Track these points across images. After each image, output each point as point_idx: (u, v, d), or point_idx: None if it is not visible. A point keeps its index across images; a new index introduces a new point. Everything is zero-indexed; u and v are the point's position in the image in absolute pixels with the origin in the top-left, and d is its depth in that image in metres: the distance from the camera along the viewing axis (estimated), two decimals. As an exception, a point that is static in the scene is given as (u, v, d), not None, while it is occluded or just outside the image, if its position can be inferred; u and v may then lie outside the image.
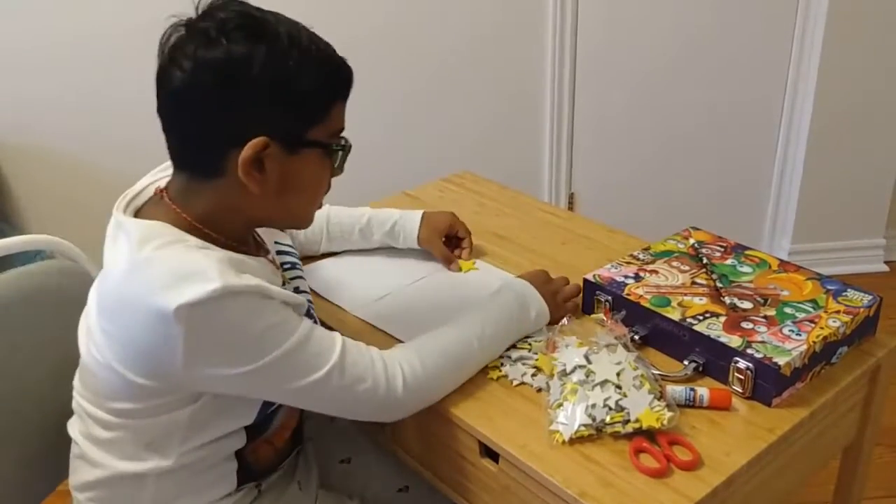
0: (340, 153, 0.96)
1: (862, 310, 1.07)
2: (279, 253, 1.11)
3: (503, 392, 1.04)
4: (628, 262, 1.21)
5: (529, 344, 1.11)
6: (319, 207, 1.01)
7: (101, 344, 0.93)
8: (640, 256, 1.22)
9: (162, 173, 1.02)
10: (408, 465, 1.15)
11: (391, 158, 2.44)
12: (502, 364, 1.07)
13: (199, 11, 0.91)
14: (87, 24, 2.21)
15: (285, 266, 1.10)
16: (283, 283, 1.06)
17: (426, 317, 1.16)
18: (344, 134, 0.97)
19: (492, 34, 2.40)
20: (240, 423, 0.98)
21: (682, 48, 2.45)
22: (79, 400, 1.03)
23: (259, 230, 1.06)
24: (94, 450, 1.00)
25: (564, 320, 1.10)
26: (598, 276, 1.17)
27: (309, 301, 1.06)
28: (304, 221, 1.02)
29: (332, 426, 1.23)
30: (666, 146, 2.58)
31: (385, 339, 1.14)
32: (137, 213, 0.96)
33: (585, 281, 1.18)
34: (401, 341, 1.09)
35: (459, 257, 1.35)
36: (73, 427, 1.05)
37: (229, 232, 0.95)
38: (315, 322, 1.02)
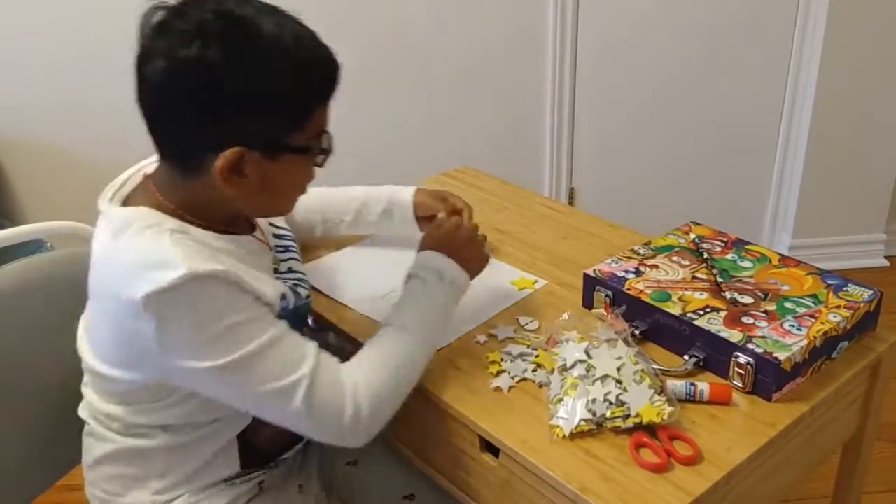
0: (322, 156, 0.94)
1: (862, 305, 1.07)
2: (274, 236, 1.10)
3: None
4: (629, 257, 1.20)
5: (529, 340, 1.11)
6: (303, 192, 1.00)
7: (89, 336, 0.95)
8: (641, 251, 1.22)
9: (148, 161, 1.02)
10: (408, 460, 1.16)
11: (392, 154, 2.44)
12: (503, 360, 1.07)
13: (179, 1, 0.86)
14: (88, 23, 2.20)
15: (279, 249, 1.09)
16: (276, 263, 1.06)
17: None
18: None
19: (493, 31, 2.39)
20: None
21: (684, 43, 2.45)
22: (84, 387, 1.04)
23: None
24: (101, 428, 1.01)
25: (565, 315, 1.10)
26: (599, 270, 1.17)
27: (307, 294, 1.06)
28: (285, 212, 1.03)
29: None
30: (667, 141, 2.58)
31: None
32: (126, 202, 0.96)
33: (586, 276, 1.18)
34: None
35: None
36: (83, 409, 1.06)
37: (210, 218, 0.94)
38: (309, 318, 1.02)
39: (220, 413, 0.97)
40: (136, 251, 0.87)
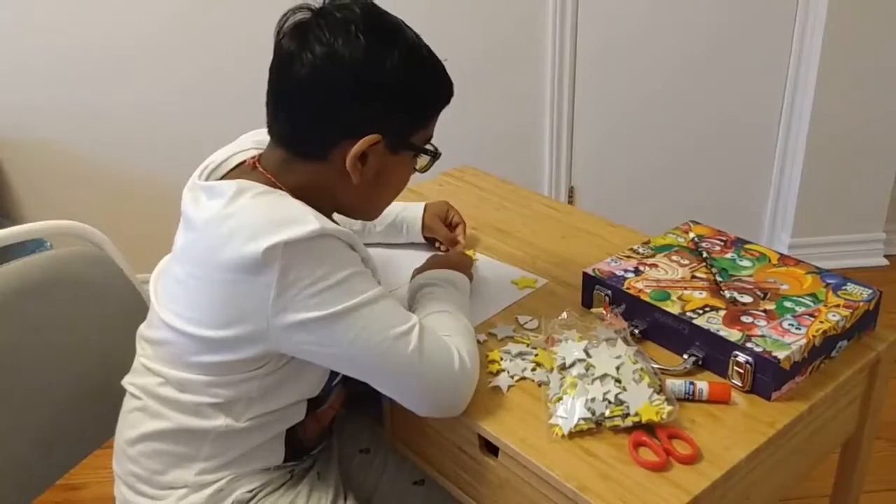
0: (430, 159, 1.02)
1: (861, 304, 1.07)
2: None
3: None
4: (628, 257, 1.21)
5: (528, 339, 1.11)
6: (395, 198, 1.07)
7: (180, 298, 0.96)
8: (640, 250, 1.22)
9: (240, 148, 1.05)
10: (409, 459, 1.16)
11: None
12: (502, 359, 1.07)
13: (327, 1, 0.94)
14: (87, 22, 2.20)
15: None
16: None
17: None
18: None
19: (493, 30, 2.39)
20: (305, 395, 1.02)
21: (683, 43, 2.45)
22: (144, 361, 1.05)
23: None
24: (158, 405, 1.02)
25: (564, 314, 1.10)
26: (598, 270, 1.18)
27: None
28: (377, 214, 1.09)
29: (356, 415, 1.23)
30: (666, 140, 2.58)
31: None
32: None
33: (585, 275, 1.18)
34: None
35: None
36: (134, 381, 1.06)
37: (315, 207, 0.96)
38: None
39: (290, 398, 1.00)
40: (260, 210, 0.91)
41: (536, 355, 1.07)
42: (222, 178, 1.01)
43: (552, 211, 1.51)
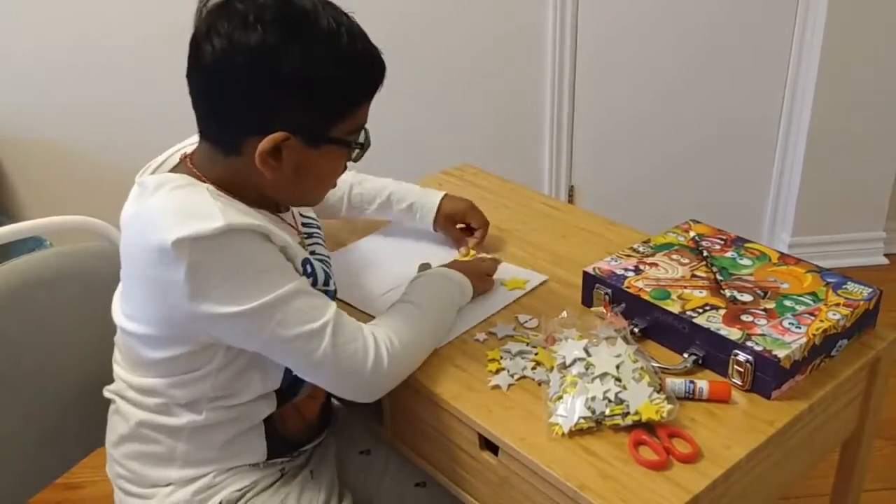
0: (358, 151, 0.98)
1: (862, 303, 1.07)
2: (302, 224, 1.13)
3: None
4: (628, 255, 1.21)
5: (528, 338, 1.11)
6: (333, 186, 1.04)
7: (124, 296, 0.97)
8: (640, 249, 1.22)
9: (187, 143, 1.04)
10: (408, 458, 1.16)
11: (392, 151, 2.43)
12: (502, 358, 1.07)
13: None
14: (86, 21, 2.20)
15: (304, 235, 1.11)
16: (303, 244, 1.08)
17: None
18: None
19: (493, 29, 2.39)
20: (267, 387, 1.01)
21: (684, 42, 2.45)
22: (114, 364, 1.06)
23: None
24: (128, 406, 1.03)
25: (564, 313, 1.10)
26: (598, 268, 1.18)
27: (327, 269, 1.07)
28: (313, 202, 1.05)
29: (356, 415, 1.23)
30: (666, 139, 2.58)
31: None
32: None
33: (585, 274, 1.18)
34: None
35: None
36: (111, 387, 1.08)
37: (243, 197, 0.97)
38: (332, 287, 1.05)
39: (252, 392, 1.00)
40: (172, 202, 0.90)
41: (536, 354, 1.07)
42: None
43: (552, 210, 1.51)
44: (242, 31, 0.86)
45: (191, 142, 1.03)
